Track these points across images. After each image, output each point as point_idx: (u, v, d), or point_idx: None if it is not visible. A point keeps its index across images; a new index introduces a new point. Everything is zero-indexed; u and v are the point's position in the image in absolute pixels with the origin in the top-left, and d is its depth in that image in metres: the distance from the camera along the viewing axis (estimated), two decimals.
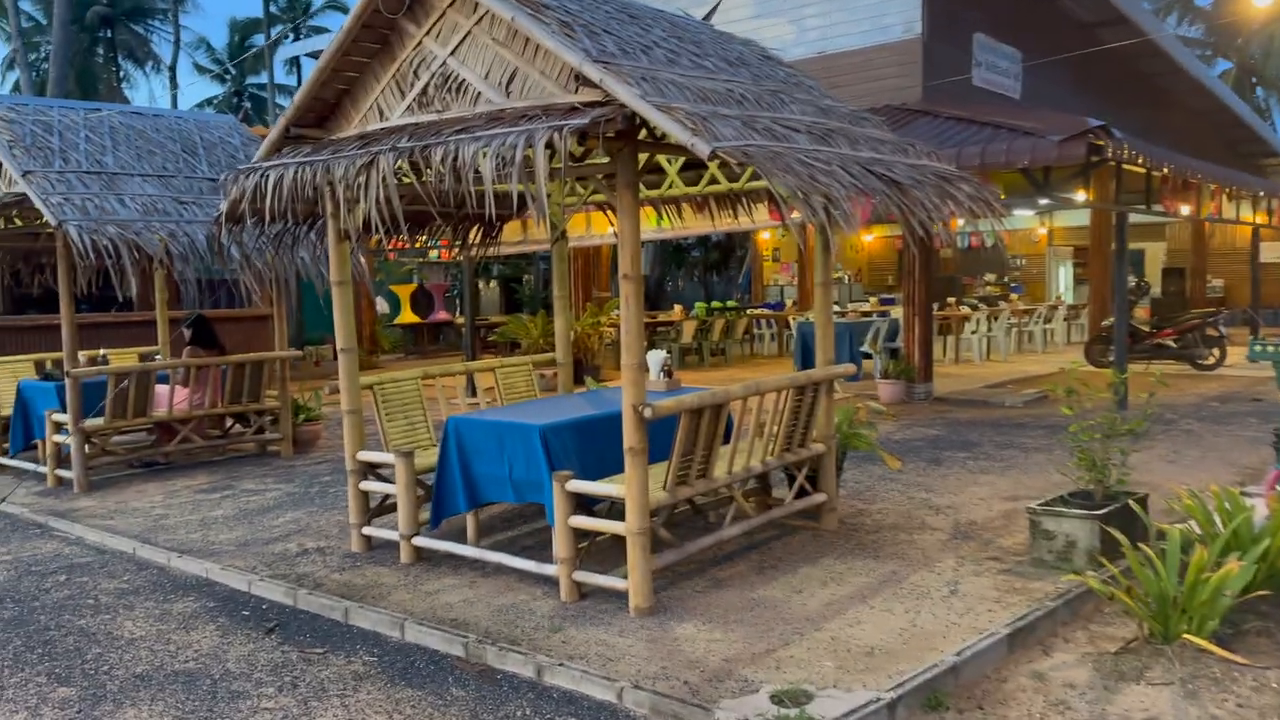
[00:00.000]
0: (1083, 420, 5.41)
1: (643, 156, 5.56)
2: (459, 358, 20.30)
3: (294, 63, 46.36)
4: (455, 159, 4.31)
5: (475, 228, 7.77)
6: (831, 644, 4.21)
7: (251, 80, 44.27)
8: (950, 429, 9.51)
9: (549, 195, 7.10)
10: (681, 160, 6.49)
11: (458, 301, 25.72)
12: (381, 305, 23.23)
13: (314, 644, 4.64)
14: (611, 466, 5.22)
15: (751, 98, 4.61)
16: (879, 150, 4.90)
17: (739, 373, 15.67)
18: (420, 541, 5.69)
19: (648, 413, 4.47)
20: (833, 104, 5.29)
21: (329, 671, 4.30)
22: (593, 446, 5.37)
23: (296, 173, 5.08)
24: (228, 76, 44.51)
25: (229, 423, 9.73)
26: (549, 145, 3.97)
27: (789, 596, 4.81)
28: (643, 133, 4.54)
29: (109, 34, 38.91)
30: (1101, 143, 9.16)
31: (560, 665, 4.03)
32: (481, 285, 27.76)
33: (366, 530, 6.02)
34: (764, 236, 25.54)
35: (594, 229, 15.29)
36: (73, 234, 7.28)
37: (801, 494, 5.77)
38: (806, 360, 14.12)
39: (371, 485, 6.00)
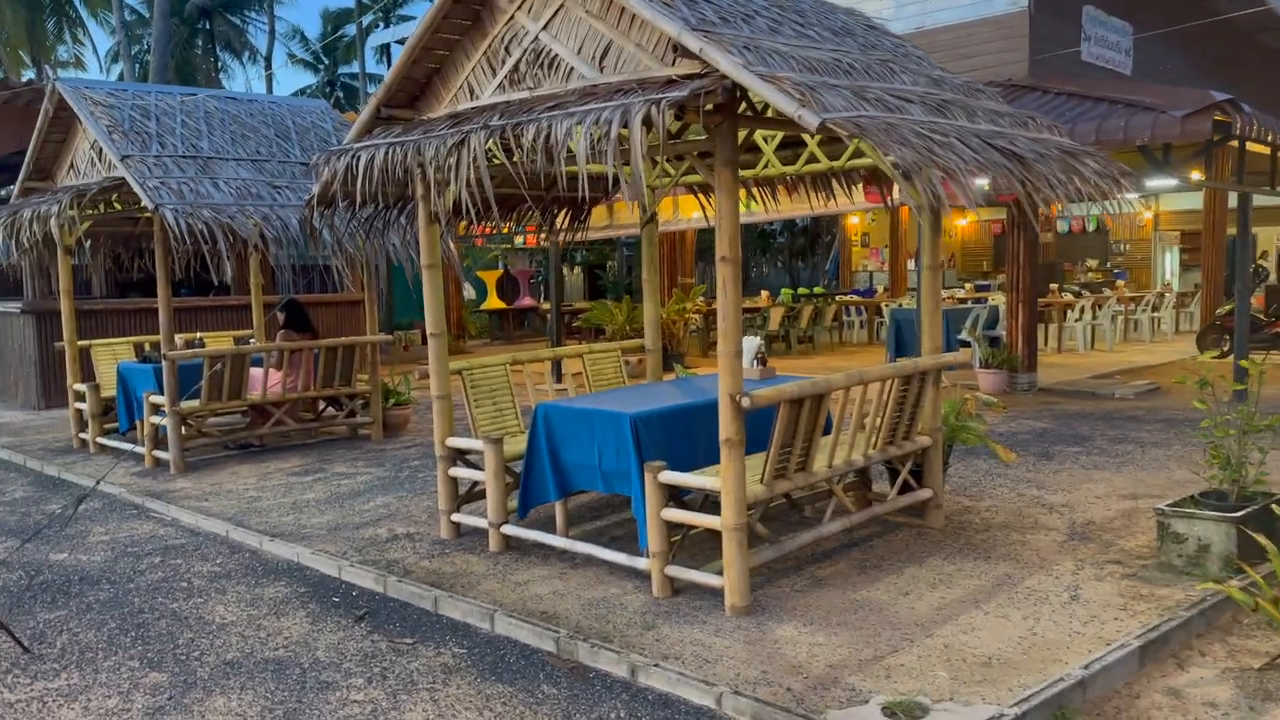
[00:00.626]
0: (1216, 415, 5.00)
1: (741, 134, 5.32)
2: (544, 343, 20.30)
3: (384, 50, 47.19)
4: (548, 137, 4.14)
5: (564, 211, 7.62)
6: (944, 652, 3.93)
7: (344, 70, 45.09)
8: (1058, 421, 9.04)
9: (639, 178, 6.92)
10: (779, 138, 6.22)
11: (542, 287, 25.78)
12: (468, 291, 23.39)
13: (403, 634, 4.55)
14: (703, 457, 5.02)
15: (860, 68, 4.33)
16: (997, 123, 4.56)
17: (828, 361, 15.28)
18: (509, 530, 5.57)
19: (746, 402, 4.24)
20: (944, 75, 4.96)
21: (418, 663, 4.20)
22: (684, 436, 5.17)
23: (387, 153, 4.97)
24: (320, 66, 45.41)
25: (321, 406, 9.82)
26: (646, 120, 3.76)
27: (895, 599, 4.54)
28: (742, 106, 4.31)
29: (207, 25, 40.01)
30: (1228, 118, 8.56)
31: (655, 666, 3.85)
32: (565, 271, 27.78)
33: (455, 517, 5.93)
34: (852, 221, 24.98)
35: (680, 213, 15.07)
36: (169, 218, 7.36)
37: (905, 489, 5.47)
38: (901, 348, 13.67)
39: (460, 472, 5.90)
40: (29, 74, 32.73)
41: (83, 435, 9.55)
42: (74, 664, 4.30)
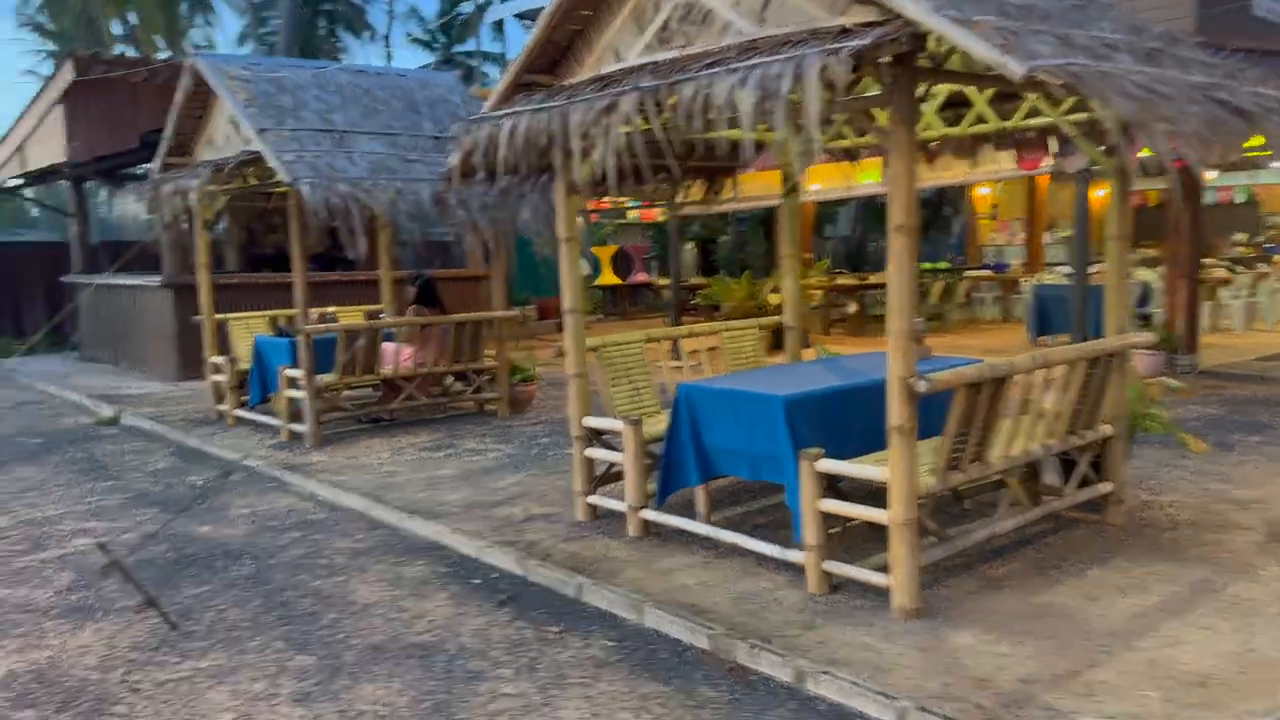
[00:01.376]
0: None
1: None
2: (659, 320, 20.06)
3: (500, 26, 47.47)
4: (707, 98, 3.83)
5: (698, 181, 7.30)
6: (1150, 668, 3.52)
7: (459, 49, 45.60)
8: (1231, 407, 8.30)
9: (783, 143, 6.55)
10: (941, 97, 5.75)
11: (654, 264, 25.53)
12: (583, 266, 23.32)
13: (549, 621, 4.36)
14: (859, 444, 4.67)
15: (1055, 13, 3.87)
16: (1210, 74, 4.04)
17: (960, 340, 14.59)
18: (649, 515, 5.34)
19: (921, 387, 3.88)
20: (1143, 22, 4.44)
21: (567, 655, 4.00)
22: (840, 421, 4.83)
23: (532, 120, 4.75)
24: (436, 45, 46.03)
25: (449, 381, 9.80)
26: (824, 75, 3.41)
27: (1082, 605, 4.11)
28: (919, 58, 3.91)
29: (328, 6, 40.93)
30: None
31: (825, 674, 3.54)
32: (692, 247, 27.43)
33: (591, 499, 5.73)
34: (981, 193, 23.91)
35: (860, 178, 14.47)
36: (305, 191, 7.34)
37: (1084, 483, 5.00)
38: (1043, 326, 12.94)
39: (597, 453, 5.70)
40: (163, 57, 34.09)
41: (220, 407, 9.75)
42: (220, 643, 4.25)
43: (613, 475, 5.86)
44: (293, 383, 8.53)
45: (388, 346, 8.89)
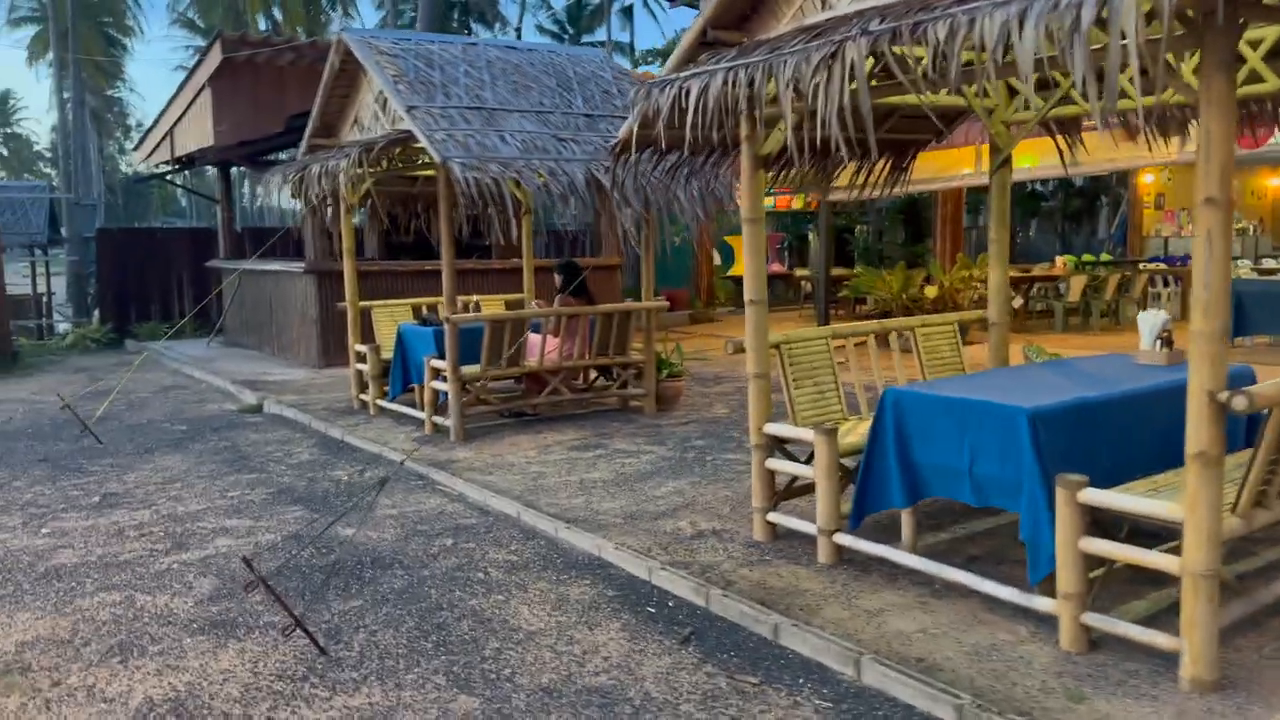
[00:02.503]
0: None
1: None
2: (795, 313, 19.21)
3: (628, 13, 47.09)
4: (966, 36, 3.09)
5: (883, 158, 6.51)
6: None
7: (588, 38, 45.44)
8: None
9: (991, 112, 5.72)
10: (1269, 41, 4.79)
11: (786, 253, 24.61)
12: (715, 256, 22.62)
13: (743, 668, 3.71)
14: (1110, 469, 3.86)
15: None
16: None
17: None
18: (844, 540, 4.63)
19: (1240, 404, 3.05)
20: None
21: (772, 717, 3.34)
22: (1091, 441, 4.03)
23: (728, 78, 4.08)
24: (565, 35, 46.03)
25: (593, 375, 9.29)
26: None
27: None
28: None
29: None
30: None
31: None
32: (810, 236, 26.39)
33: (772, 516, 5.06)
34: (1146, 180, 22.17)
35: (962, 164, 13.46)
36: (455, 172, 6.88)
37: None
38: (1241, 327, 11.61)
39: (780, 464, 5.02)
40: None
41: (362, 396, 9.48)
42: (374, 674, 3.76)
43: (795, 490, 5.18)
44: (437, 374, 8.14)
45: (533, 338, 8.42)
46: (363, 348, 9.32)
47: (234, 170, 16.81)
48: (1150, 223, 23.90)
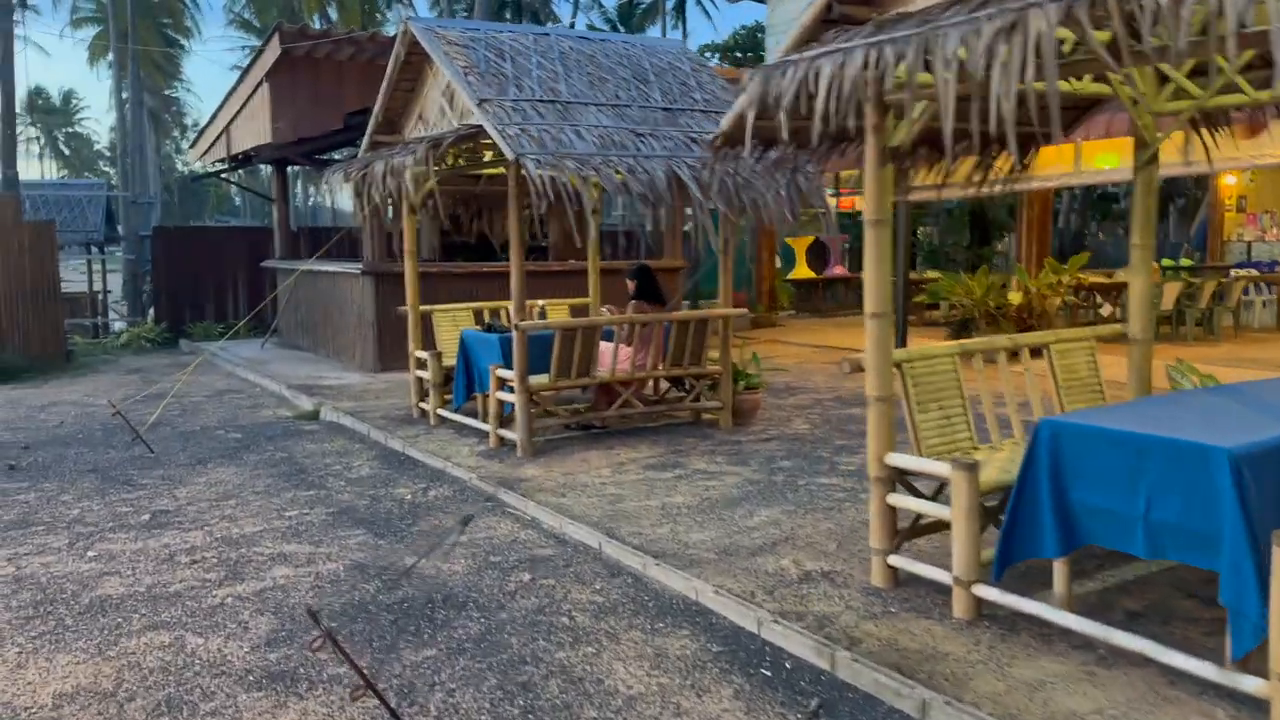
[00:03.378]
0: None
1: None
2: (856, 317, 18.47)
3: (680, 13, 46.48)
4: None
5: (1004, 153, 5.88)
6: None
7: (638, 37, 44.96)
8: None
9: (1136, 102, 5.07)
10: None
11: (846, 255, 23.87)
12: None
13: None
14: None
15: None
16: None
17: (1245, 350, 12.46)
18: (986, 593, 4.03)
19: None
20: None
21: None
22: None
23: (869, 57, 3.50)
24: (618, 32, 45.61)
25: (664, 386, 8.76)
26: None
27: None
28: None
29: None
30: None
31: None
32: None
33: (895, 560, 4.47)
34: (1228, 181, 21.14)
35: (1084, 162, 12.66)
36: (529, 169, 6.37)
37: None
38: None
39: (905, 501, 4.43)
40: None
41: (422, 405, 9.03)
42: None
43: (921, 529, 4.59)
44: (503, 384, 7.65)
45: (604, 346, 7.90)
46: (424, 354, 8.88)
47: (289, 169, 16.53)
48: (1231, 226, 22.86)
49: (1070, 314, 13.98)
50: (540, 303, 9.13)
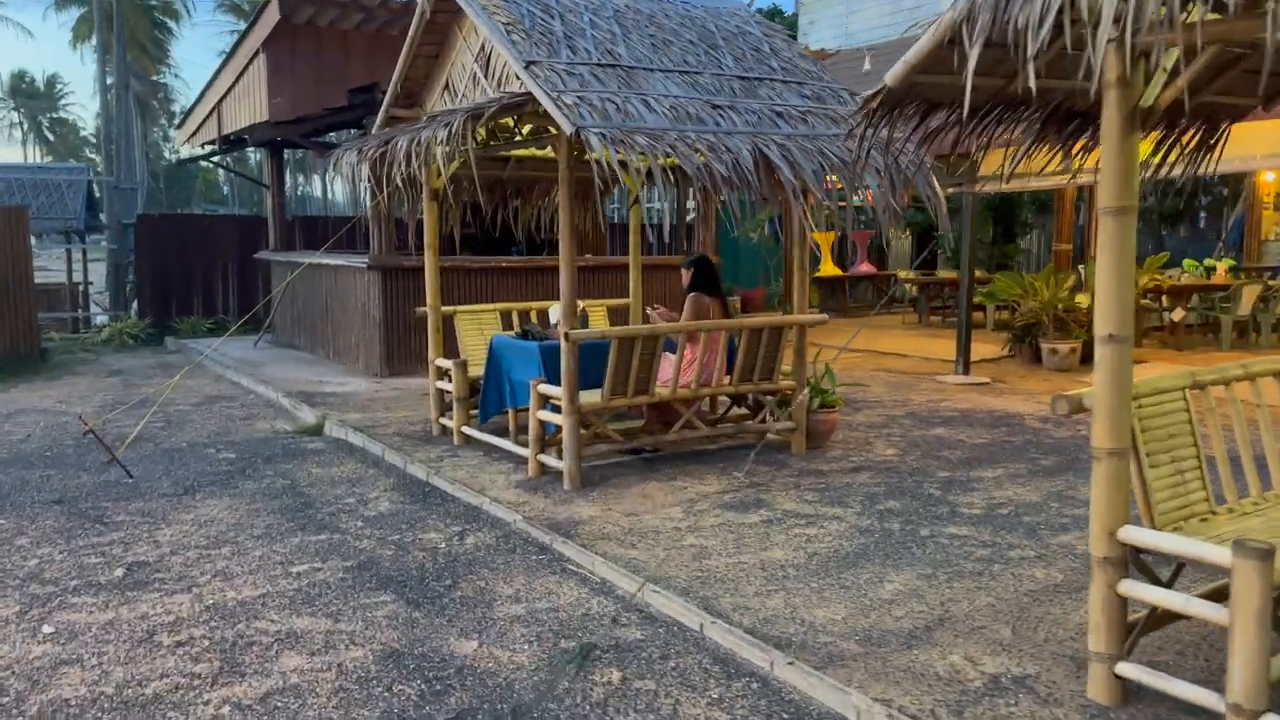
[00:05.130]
0: None
1: None
2: (894, 319, 17.37)
3: None
4: None
5: (1193, 128, 4.72)
6: None
7: None
8: None
9: None
10: None
11: (874, 252, 22.73)
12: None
13: None
14: None
15: None
16: None
17: None
18: None
19: None
20: None
21: None
22: None
23: None
24: None
25: (726, 404, 7.61)
26: None
27: None
28: None
29: None
30: None
31: None
32: (893, 234, 24.49)
33: (1125, 670, 3.32)
34: (1266, 178, 20.12)
35: (1254, 146, 11.51)
36: (594, 145, 5.19)
37: None
38: None
39: (1146, 592, 3.28)
40: None
41: (443, 421, 7.86)
42: None
43: (1153, 622, 3.45)
44: (545, 402, 6.48)
45: (665, 358, 6.73)
46: (447, 363, 7.69)
47: (285, 153, 15.27)
48: (1269, 224, 21.86)
49: (1139, 319, 12.86)
50: (581, 304, 7.93)
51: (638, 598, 4.49)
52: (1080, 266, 15.27)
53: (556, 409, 6.39)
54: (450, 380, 7.60)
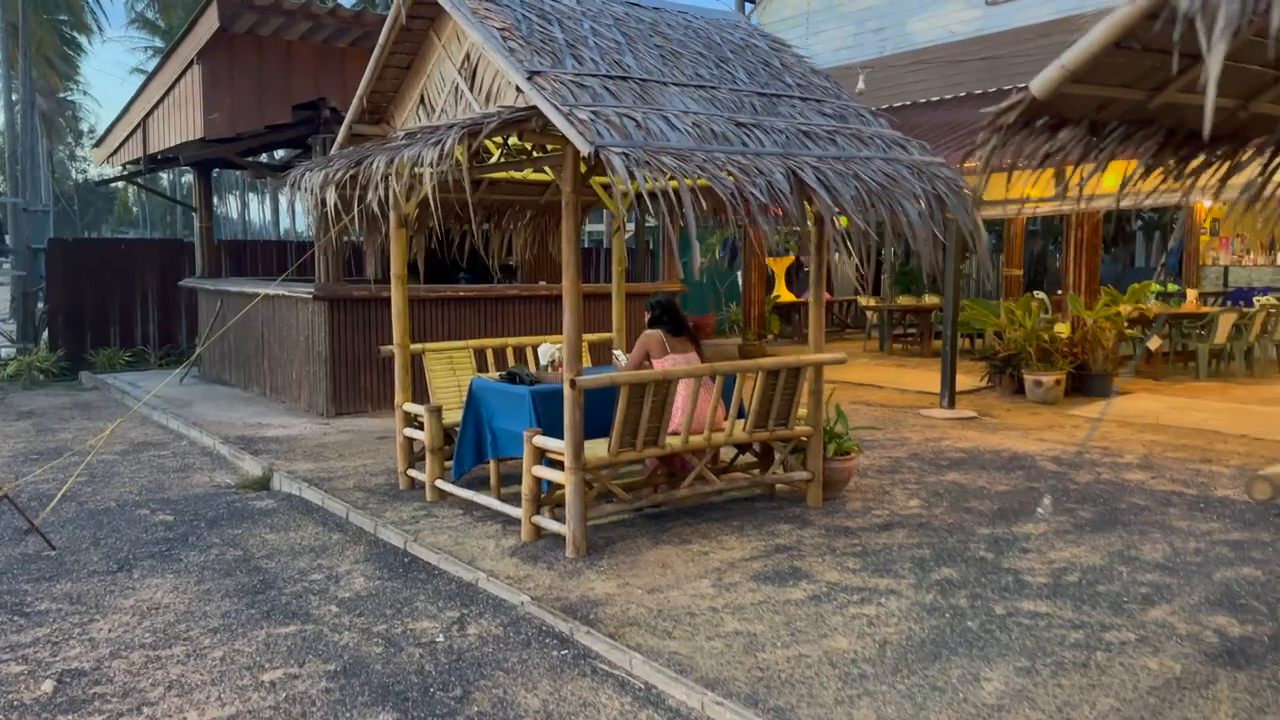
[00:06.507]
0: None
1: None
2: (852, 344, 16.95)
3: None
4: None
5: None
6: None
7: None
8: None
9: None
10: None
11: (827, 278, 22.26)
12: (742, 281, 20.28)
13: None
14: None
15: None
16: None
17: None
18: None
19: None
20: None
21: None
22: None
23: None
24: None
25: (732, 452, 6.92)
26: None
27: None
28: None
29: None
30: None
31: None
32: (839, 259, 24.14)
33: None
34: (1204, 204, 20.40)
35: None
36: (617, 166, 4.46)
37: None
38: None
39: None
40: None
41: (412, 473, 7.01)
42: None
43: None
44: (542, 456, 5.70)
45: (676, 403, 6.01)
46: (418, 408, 6.85)
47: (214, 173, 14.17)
48: (1206, 250, 22.22)
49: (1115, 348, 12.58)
50: (552, 346, 7.09)
51: (693, 709, 3.74)
52: (1039, 294, 15.04)
53: (554, 464, 5.63)
54: (424, 428, 6.76)
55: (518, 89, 5.13)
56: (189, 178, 18.87)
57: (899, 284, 22.07)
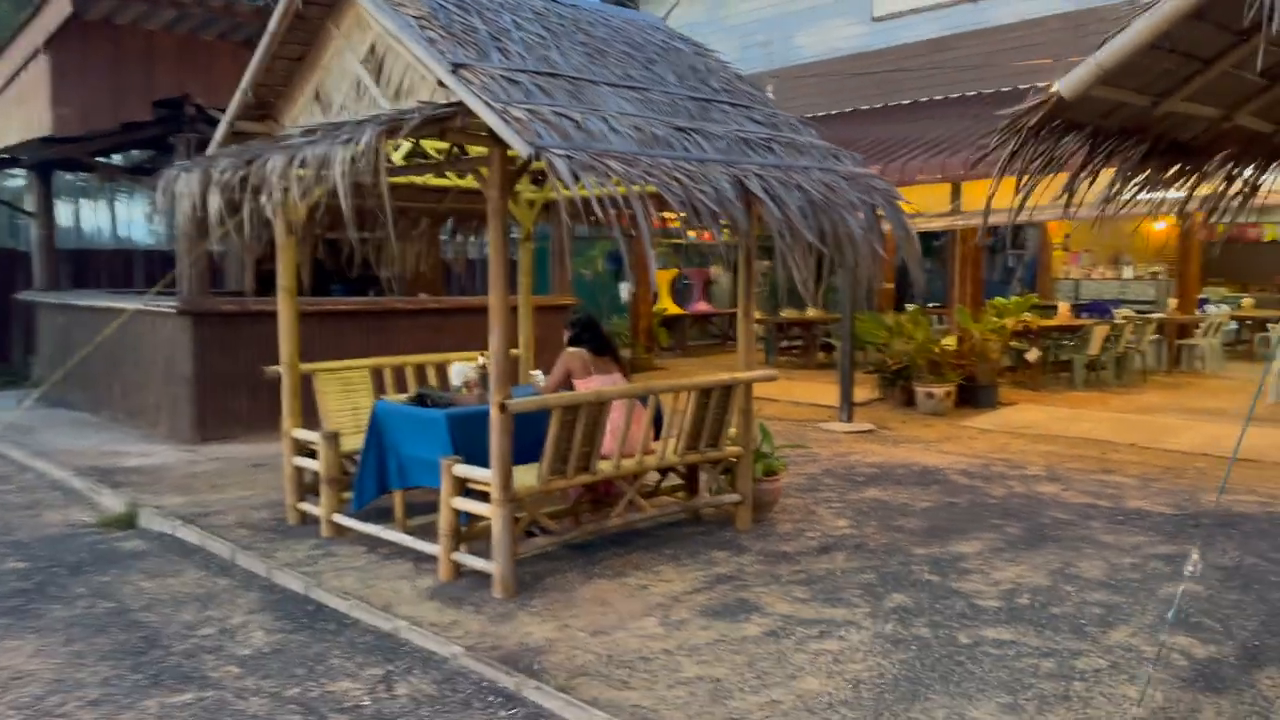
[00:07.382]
0: None
1: None
2: (725, 356, 16.88)
3: None
4: None
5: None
6: None
7: None
8: None
9: None
10: None
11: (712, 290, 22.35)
12: (625, 292, 20.05)
13: None
14: None
15: None
16: None
17: (1185, 398, 11.70)
18: None
19: None
20: None
21: None
22: None
23: None
24: None
25: (657, 476, 6.56)
26: None
27: None
28: None
29: None
30: None
31: None
32: (718, 271, 24.20)
33: None
34: (1056, 221, 21.49)
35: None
36: (560, 169, 4.06)
37: None
38: None
39: None
40: None
41: (305, 507, 6.37)
42: None
43: None
44: (463, 486, 5.20)
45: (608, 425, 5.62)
46: (311, 435, 6.22)
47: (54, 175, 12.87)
48: (1059, 265, 23.37)
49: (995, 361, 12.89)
50: (480, 358, 6.59)
51: None
52: (909, 308, 15.35)
53: (476, 494, 5.14)
54: (318, 457, 6.14)
55: (439, 83, 4.66)
56: (16, 181, 17.15)
57: (771, 297, 22.26)
